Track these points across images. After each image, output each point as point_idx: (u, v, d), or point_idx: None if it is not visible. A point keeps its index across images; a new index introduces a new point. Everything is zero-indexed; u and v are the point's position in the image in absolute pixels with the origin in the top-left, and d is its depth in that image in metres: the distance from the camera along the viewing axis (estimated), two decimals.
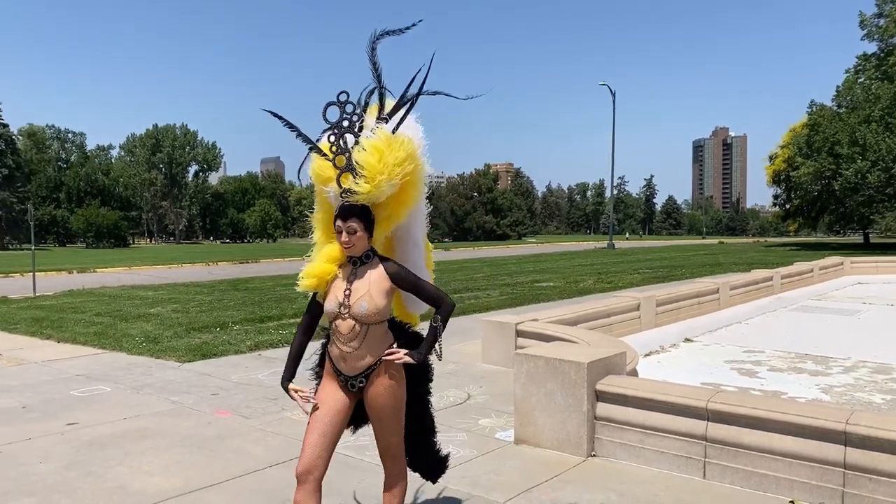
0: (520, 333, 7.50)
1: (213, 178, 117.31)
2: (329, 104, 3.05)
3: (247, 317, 11.51)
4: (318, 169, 3.02)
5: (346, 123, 3.00)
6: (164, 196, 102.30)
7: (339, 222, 2.95)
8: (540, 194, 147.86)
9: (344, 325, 2.97)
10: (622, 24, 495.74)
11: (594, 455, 4.74)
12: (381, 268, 3.02)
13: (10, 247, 71.39)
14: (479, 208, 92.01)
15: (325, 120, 3.05)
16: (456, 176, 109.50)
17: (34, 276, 18.66)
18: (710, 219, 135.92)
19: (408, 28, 3.06)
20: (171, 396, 6.52)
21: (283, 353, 8.67)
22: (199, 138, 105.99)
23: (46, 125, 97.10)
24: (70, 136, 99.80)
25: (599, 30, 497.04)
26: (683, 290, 11.29)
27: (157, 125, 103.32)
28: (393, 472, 3.25)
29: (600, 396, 4.79)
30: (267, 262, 35.62)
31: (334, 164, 2.92)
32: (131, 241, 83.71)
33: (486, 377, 7.14)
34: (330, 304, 3.01)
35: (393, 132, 2.95)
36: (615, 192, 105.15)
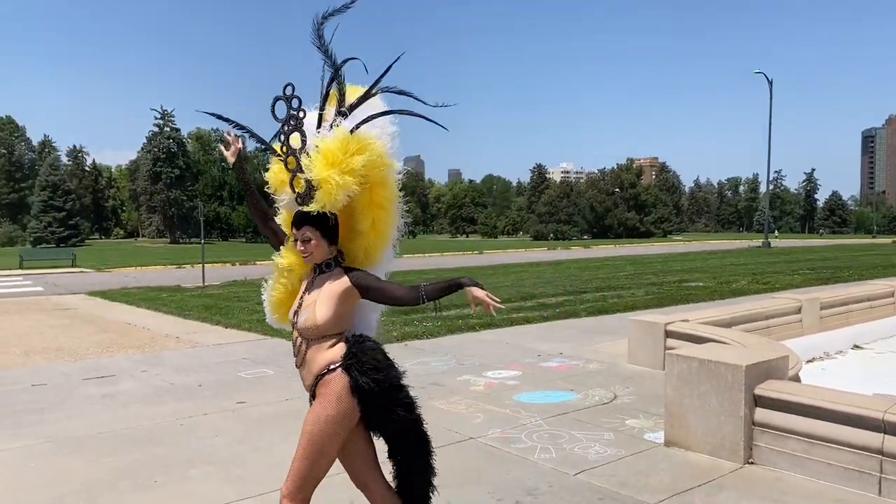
0: (669, 334, 7.23)
1: None
2: (276, 99, 2.77)
3: (393, 309, 11.93)
4: (272, 172, 2.81)
5: (292, 122, 2.73)
6: None
7: (293, 230, 2.72)
8: (687, 190, 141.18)
9: (295, 337, 2.78)
10: (777, 4, 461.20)
11: (752, 462, 4.49)
12: (343, 279, 2.70)
13: (181, 241, 78.68)
14: (621, 204, 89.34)
15: (274, 117, 2.79)
16: (596, 171, 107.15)
17: (203, 267, 20.47)
18: (881, 216, 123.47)
19: (352, 3, 2.73)
20: None
21: (428, 344, 8.96)
22: None
23: (212, 129, 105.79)
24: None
25: (754, 14, 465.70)
26: (853, 293, 10.37)
27: None
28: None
29: (759, 401, 4.53)
30: (408, 258, 36.77)
31: (286, 167, 2.71)
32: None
33: (633, 378, 6.96)
34: (289, 314, 2.84)
35: (352, 131, 2.65)
36: (771, 187, 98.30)
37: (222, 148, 3.05)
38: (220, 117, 2.98)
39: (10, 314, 13.09)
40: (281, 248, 2.91)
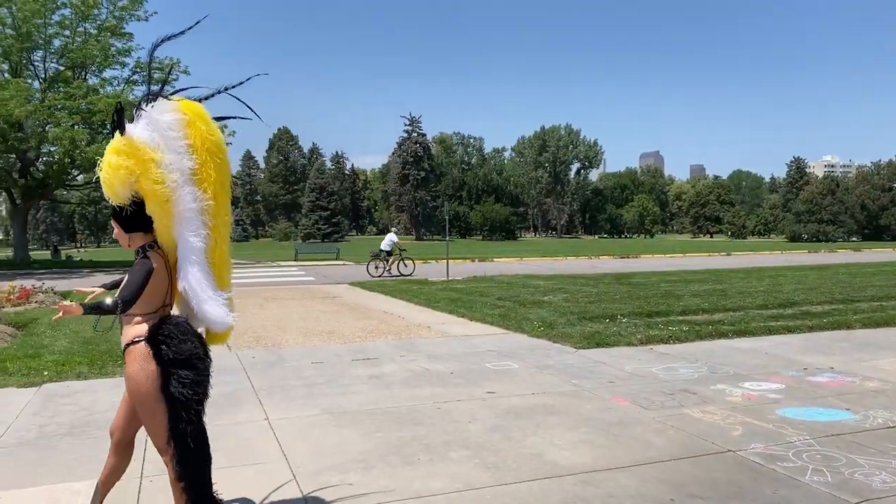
0: None
1: (594, 175, 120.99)
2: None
3: (634, 310, 11.62)
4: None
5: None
6: (548, 193, 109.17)
7: None
8: None
9: None
10: None
11: None
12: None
13: (424, 237, 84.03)
14: None
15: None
16: (869, 164, 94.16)
17: (447, 263, 21.65)
18: None
19: (189, 28, 3.41)
20: (571, 379, 6.94)
21: (675, 349, 8.57)
22: (581, 137, 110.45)
23: (453, 132, 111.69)
24: (471, 140, 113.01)
25: None
26: None
27: (543, 127, 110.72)
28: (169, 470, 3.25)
29: None
30: (647, 258, 35.46)
31: None
32: (519, 235, 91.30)
33: None
34: None
35: (122, 133, 3.12)
36: None
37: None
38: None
39: (289, 300, 15.02)
40: None
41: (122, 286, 3.16)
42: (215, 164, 3.31)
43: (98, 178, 3.20)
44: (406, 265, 23.45)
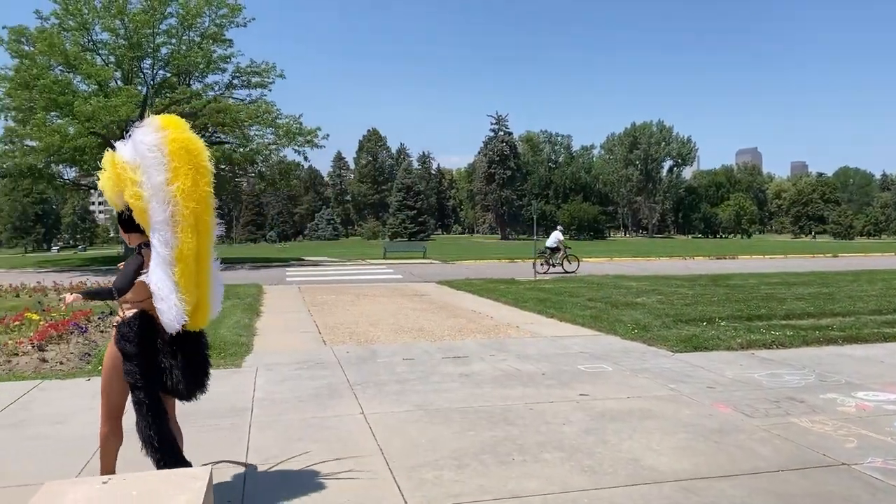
0: None
1: (687, 173, 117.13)
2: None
3: (733, 313, 11.15)
4: None
5: None
6: (638, 191, 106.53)
7: None
8: None
9: None
10: None
11: None
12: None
13: (510, 237, 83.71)
14: None
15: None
16: None
17: (534, 262, 21.48)
18: None
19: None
20: (667, 383, 6.73)
21: (778, 355, 8.17)
22: (674, 133, 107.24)
23: (540, 130, 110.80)
24: (559, 138, 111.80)
25: None
26: None
27: (634, 123, 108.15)
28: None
29: None
30: (745, 259, 34.01)
31: None
32: (607, 234, 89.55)
33: None
34: None
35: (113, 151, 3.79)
36: None
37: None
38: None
39: (380, 297, 15.31)
40: None
41: (117, 276, 3.66)
42: (189, 171, 3.61)
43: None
44: (570, 262, 23.49)
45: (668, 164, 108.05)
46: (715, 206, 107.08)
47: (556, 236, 23.69)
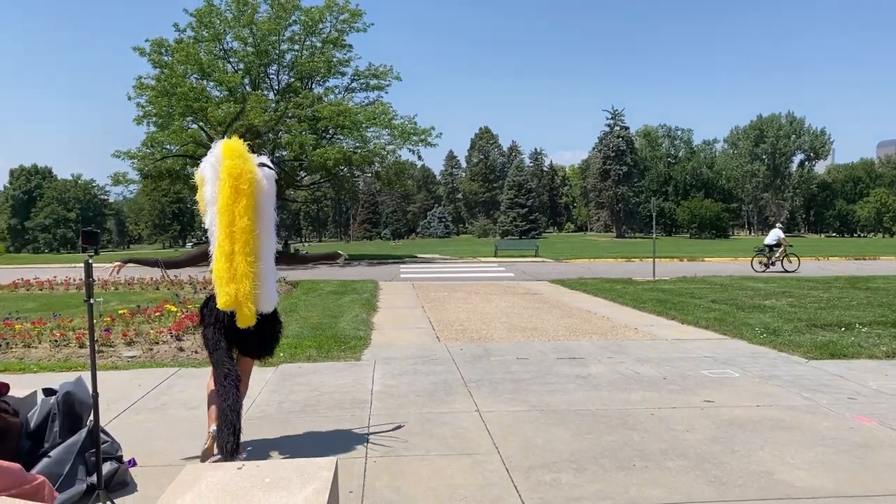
0: None
1: (820, 167, 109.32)
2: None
3: (876, 319, 10.28)
4: None
5: None
6: (765, 187, 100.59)
7: None
8: None
9: None
10: None
11: None
12: None
13: (626, 235, 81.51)
14: None
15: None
16: None
17: (654, 261, 20.78)
18: None
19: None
20: (801, 392, 6.29)
21: None
22: (805, 125, 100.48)
23: (658, 125, 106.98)
24: (679, 133, 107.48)
25: None
26: None
27: (761, 115, 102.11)
28: None
29: None
30: (887, 260, 31.33)
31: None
32: (731, 233, 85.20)
33: None
34: None
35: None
36: None
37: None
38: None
39: (492, 295, 15.33)
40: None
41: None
42: (229, 189, 4.35)
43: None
44: (791, 261, 23.09)
45: (798, 157, 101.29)
46: (852, 202, 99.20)
47: (776, 234, 23.24)
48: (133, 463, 4.28)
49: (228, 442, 4.08)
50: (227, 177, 4.35)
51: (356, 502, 3.86)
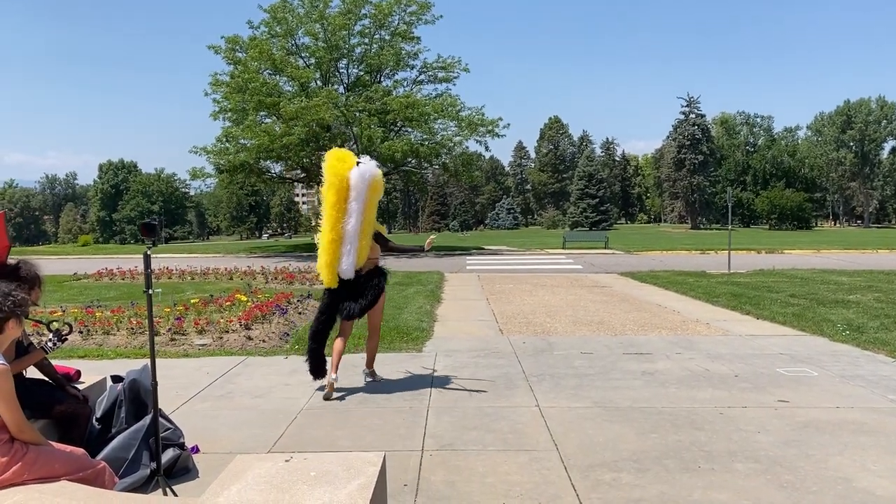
0: None
1: None
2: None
3: None
4: None
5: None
6: (852, 176, 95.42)
7: None
8: None
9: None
10: None
11: None
12: None
13: (701, 226, 78.95)
14: None
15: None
16: None
17: (729, 254, 20.02)
18: None
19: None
20: (887, 394, 5.90)
21: None
22: None
23: (737, 112, 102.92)
24: (758, 120, 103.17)
25: None
26: None
27: (848, 100, 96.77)
28: None
29: None
30: None
31: None
32: (814, 224, 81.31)
33: None
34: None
35: None
36: None
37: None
38: None
39: (557, 287, 15.10)
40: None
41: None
42: (333, 188, 5.72)
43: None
44: None
45: (889, 144, 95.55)
46: None
47: None
48: (196, 450, 4.40)
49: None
50: (331, 176, 5.74)
51: (410, 496, 3.84)
